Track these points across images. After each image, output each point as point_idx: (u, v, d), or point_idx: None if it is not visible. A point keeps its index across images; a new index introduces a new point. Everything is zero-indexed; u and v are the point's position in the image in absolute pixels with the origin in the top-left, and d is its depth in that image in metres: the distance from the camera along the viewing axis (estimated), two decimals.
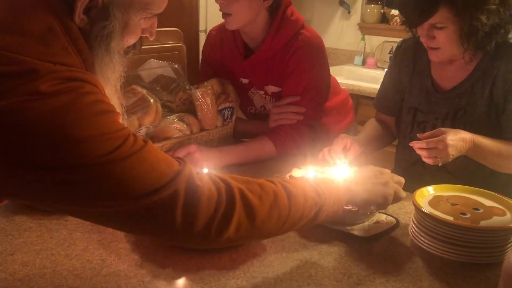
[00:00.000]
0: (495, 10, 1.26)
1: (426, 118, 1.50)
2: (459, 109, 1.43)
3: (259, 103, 1.82)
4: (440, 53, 1.37)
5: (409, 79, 1.55)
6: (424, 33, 1.35)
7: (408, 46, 1.57)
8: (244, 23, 1.60)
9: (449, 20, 1.28)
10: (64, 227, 1.11)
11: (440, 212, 1.06)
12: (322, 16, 3.94)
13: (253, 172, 1.49)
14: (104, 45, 0.89)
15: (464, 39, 1.30)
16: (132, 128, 1.46)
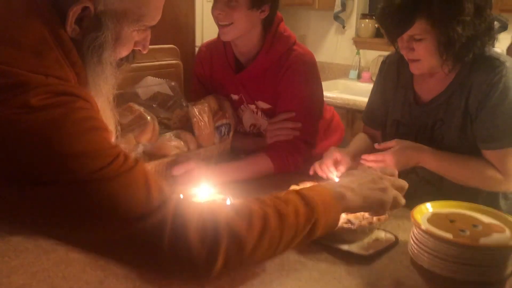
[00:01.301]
0: (470, 21, 1.29)
1: (408, 130, 1.52)
2: (437, 120, 1.46)
3: (249, 121, 1.81)
4: (420, 65, 1.40)
5: (393, 93, 1.58)
6: (403, 45, 1.38)
7: (392, 61, 1.61)
8: (241, 34, 1.61)
9: (427, 32, 1.31)
10: (61, 247, 1.10)
11: (439, 229, 1.05)
12: (317, 31, 3.97)
13: (251, 189, 1.48)
14: (96, 56, 0.88)
15: (442, 50, 1.33)
16: (129, 145, 1.46)
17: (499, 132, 1.35)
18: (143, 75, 1.73)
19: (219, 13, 1.57)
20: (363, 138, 1.69)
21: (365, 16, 3.70)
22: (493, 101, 1.34)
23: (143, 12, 0.93)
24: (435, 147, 1.41)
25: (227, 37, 1.63)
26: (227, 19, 1.57)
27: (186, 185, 1.43)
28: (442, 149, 1.42)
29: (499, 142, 1.36)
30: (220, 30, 1.62)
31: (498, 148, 1.37)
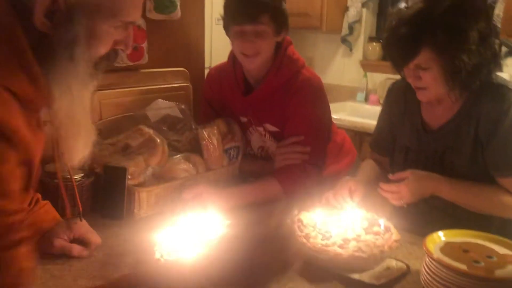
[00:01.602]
0: (476, 50, 1.29)
1: (417, 157, 1.51)
2: (447, 148, 1.44)
3: (257, 143, 1.81)
4: (427, 93, 1.39)
5: (401, 119, 1.57)
6: (410, 73, 1.38)
7: (398, 87, 1.60)
8: (265, 60, 1.64)
9: (433, 61, 1.31)
10: (69, 273, 1.09)
11: (452, 260, 1.04)
12: (324, 53, 4.00)
13: (260, 214, 1.47)
14: (68, 52, 0.85)
15: (448, 79, 1.32)
16: (138, 168, 1.45)
17: (510, 159, 1.34)
18: (153, 98, 1.73)
19: (250, 45, 1.58)
20: (372, 165, 1.68)
21: (372, 39, 3.72)
22: (504, 129, 1.33)
23: (118, 7, 0.89)
24: (446, 174, 1.40)
25: (254, 66, 1.64)
26: (255, 49, 1.59)
27: (195, 208, 1.42)
28: (453, 175, 1.40)
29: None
30: (246, 60, 1.62)
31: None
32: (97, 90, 1.59)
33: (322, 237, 1.23)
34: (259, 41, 1.57)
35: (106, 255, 1.20)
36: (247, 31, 1.56)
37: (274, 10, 1.57)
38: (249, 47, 1.58)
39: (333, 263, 1.14)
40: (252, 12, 1.53)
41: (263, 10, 1.54)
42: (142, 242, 1.23)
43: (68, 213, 1.28)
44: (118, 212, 1.41)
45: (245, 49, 1.59)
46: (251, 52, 1.59)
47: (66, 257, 1.15)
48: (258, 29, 1.55)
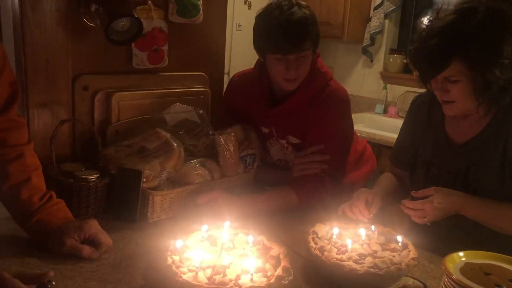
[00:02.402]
0: (509, 64, 1.25)
1: (439, 172, 1.47)
2: (472, 164, 1.40)
3: (277, 155, 1.79)
4: (455, 107, 1.35)
5: (424, 134, 1.53)
6: (438, 86, 1.34)
7: (423, 101, 1.57)
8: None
9: (463, 74, 1.27)
10: (79, 275, 1.08)
11: (472, 281, 1.00)
12: (344, 63, 3.97)
13: (275, 225, 1.45)
14: None
15: (478, 93, 1.28)
16: (154, 171, 1.44)
17: None
18: (172, 101, 1.72)
19: (294, 72, 1.56)
20: (390, 178, 1.64)
21: (394, 51, 3.68)
22: None
23: None
24: (470, 192, 1.36)
25: (295, 87, 1.63)
26: (298, 74, 1.58)
27: (210, 214, 1.41)
28: (478, 193, 1.36)
29: None
30: (288, 84, 1.61)
31: None
32: (116, 91, 1.63)
33: (337, 251, 1.20)
34: (302, 66, 1.57)
35: (118, 258, 1.18)
36: (290, 59, 1.54)
37: (315, 34, 1.56)
38: (293, 73, 1.57)
39: (348, 278, 1.11)
40: (297, 42, 1.52)
41: (306, 38, 1.53)
42: (154, 246, 1.21)
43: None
44: (132, 215, 1.40)
45: (288, 76, 1.58)
46: (294, 78, 1.59)
47: (77, 258, 1.14)
48: (301, 56, 1.55)
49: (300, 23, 1.50)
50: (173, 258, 1.06)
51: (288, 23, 1.49)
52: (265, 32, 1.55)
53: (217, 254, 1.13)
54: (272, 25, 1.51)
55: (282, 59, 1.54)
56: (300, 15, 1.51)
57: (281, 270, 1.05)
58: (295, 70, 1.55)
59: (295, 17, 1.50)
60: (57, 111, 1.54)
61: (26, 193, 1.19)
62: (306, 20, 1.51)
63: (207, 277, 1.01)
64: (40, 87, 1.50)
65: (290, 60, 1.53)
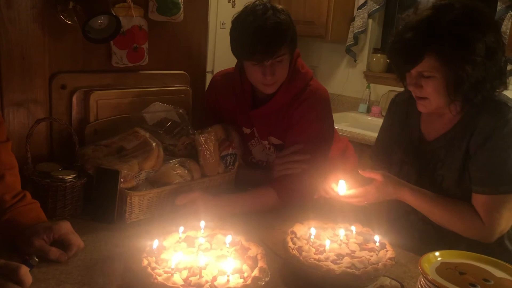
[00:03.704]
0: (481, 62, 1.26)
1: (411, 170, 1.49)
2: (438, 161, 1.42)
3: (259, 155, 1.79)
4: (428, 104, 1.37)
5: (400, 132, 1.55)
6: (412, 81, 1.35)
7: (401, 99, 1.58)
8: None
9: (436, 69, 1.28)
10: (53, 277, 1.06)
11: (448, 281, 1.00)
12: (328, 63, 3.98)
13: (254, 225, 1.44)
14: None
15: (450, 89, 1.30)
16: (132, 172, 1.43)
17: (490, 177, 1.31)
18: (152, 100, 1.71)
19: (270, 78, 1.55)
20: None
21: (377, 51, 3.70)
22: (493, 143, 1.30)
23: None
24: (435, 189, 1.38)
25: (273, 90, 1.62)
26: (275, 79, 1.57)
27: (188, 215, 1.40)
28: (442, 190, 1.39)
29: (488, 187, 1.31)
30: (265, 88, 1.60)
31: (486, 193, 1.32)
32: (94, 90, 1.60)
33: (316, 251, 1.20)
34: (279, 71, 1.56)
35: (93, 260, 1.17)
36: (266, 65, 1.53)
37: (290, 38, 1.54)
38: (270, 79, 1.56)
39: (325, 279, 1.10)
40: (271, 49, 1.50)
41: (282, 43, 1.51)
42: (131, 248, 1.20)
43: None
44: (109, 215, 1.38)
45: (265, 81, 1.57)
46: (272, 82, 1.58)
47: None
48: (278, 60, 1.53)
49: (274, 29, 1.48)
50: (149, 259, 1.05)
51: (262, 30, 1.47)
52: (240, 39, 1.54)
53: (194, 255, 1.12)
54: (246, 32, 1.50)
55: (258, 64, 1.53)
56: (274, 21, 1.49)
57: (258, 271, 1.04)
58: (271, 75, 1.54)
59: (269, 23, 1.48)
60: (34, 110, 1.52)
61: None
62: (280, 26, 1.50)
63: (183, 279, 1.00)
64: (16, 86, 1.47)
65: (266, 66, 1.52)
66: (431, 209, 1.39)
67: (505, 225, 1.33)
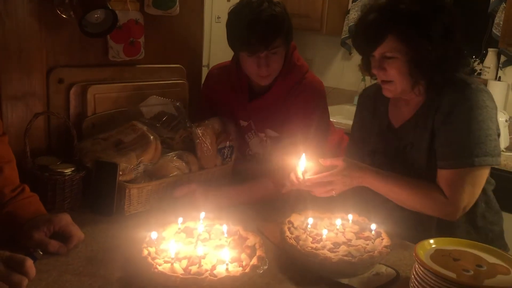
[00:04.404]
0: (439, 41, 1.32)
1: (383, 159, 1.51)
2: (407, 144, 1.45)
3: (256, 148, 1.80)
4: (393, 87, 1.40)
5: (370, 124, 1.58)
6: (376, 64, 1.39)
7: (369, 93, 1.62)
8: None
9: (398, 50, 1.33)
10: (54, 268, 1.08)
11: (442, 267, 1.03)
12: (323, 56, 3.99)
13: (251, 215, 1.46)
14: None
15: (412, 69, 1.34)
16: (130, 164, 1.44)
17: (453, 151, 1.33)
18: (149, 94, 1.72)
19: (265, 69, 1.57)
20: None
21: None
22: (454, 119, 1.34)
23: None
24: (406, 172, 1.40)
25: (268, 82, 1.64)
26: (270, 71, 1.59)
27: (187, 207, 1.41)
28: (414, 172, 1.41)
29: (450, 161, 1.33)
30: (261, 79, 1.62)
31: (448, 167, 1.33)
32: (91, 84, 1.61)
33: (312, 240, 1.22)
34: (273, 63, 1.57)
35: (94, 251, 1.18)
36: (261, 57, 1.55)
37: (286, 30, 1.56)
38: (264, 70, 1.57)
39: (322, 266, 1.13)
40: (266, 41, 1.51)
41: (276, 36, 1.53)
42: (131, 239, 1.22)
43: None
44: (108, 208, 1.40)
45: (260, 72, 1.58)
46: (266, 74, 1.59)
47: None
48: (272, 52, 1.55)
49: (269, 21, 1.50)
50: (149, 249, 1.07)
51: (257, 22, 1.49)
52: (235, 31, 1.56)
53: (193, 245, 1.14)
54: (241, 24, 1.51)
55: (253, 56, 1.54)
56: (269, 13, 1.51)
57: (256, 260, 1.06)
58: (266, 67, 1.56)
59: (264, 16, 1.50)
60: (32, 104, 1.52)
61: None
62: (275, 18, 1.51)
63: (183, 268, 1.02)
64: (14, 80, 1.48)
65: (261, 58, 1.54)
66: (395, 189, 1.38)
67: (468, 200, 1.33)
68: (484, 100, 1.33)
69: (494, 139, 1.33)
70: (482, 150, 1.30)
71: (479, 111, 1.32)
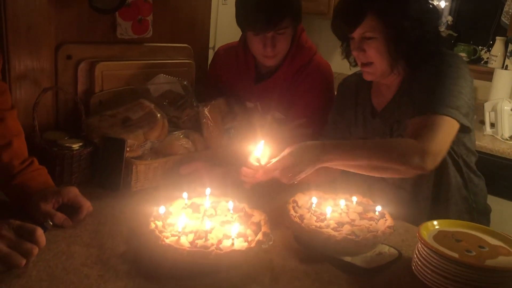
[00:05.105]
0: (418, 20, 1.33)
1: None
2: (394, 124, 1.45)
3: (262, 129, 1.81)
4: (373, 69, 1.41)
5: (354, 113, 1.57)
6: (355, 46, 1.40)
7: (350, 82, 1.62)
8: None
9: (377, 30, 1.34)
10: (63, 240, 1.10)
11: (445, 248, 1.04)
12: (329, 41, 3.95)
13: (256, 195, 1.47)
14: None
15: (391, 49, 1.36)
16: (137, 141, 1.45)
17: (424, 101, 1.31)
18: (156, 72, 1.72)
19: (271, 49, 1.57)
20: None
21: None
22: (425, 71, 1.35)
23: None
24: None
25: (274, 63, 1.63)
26: (276, 51, 1.59)
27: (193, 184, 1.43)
28: None
29: (421, 109, 1.30)
30: (266, 60, 1.62)
31: (419, 114, 1.29)
32: (99, 61, 1.62)
33: (316, 219, 1.23)
34: (279, 43, 1.57)
35: (101, 224, 1.20)
36: (267, 36, 1.54)
37: (295, 11, 1.56)
38: (270, 51, 1.57)
39: (326, 244, 1.14)
40: (273, 21, 1.51)
41: (284, 15, 1.52)
42: (137, 213, 1.23)
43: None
44: (115, 183, 1.41)
45: (266, 53, 1.58)
46: (272, 55, 1.59)
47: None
48: (279, 33, 1.54)
49: (277, 2, 1.50)
50: (156, 223, 1.08)
51: (266, 2, 1.49)
52: (243, 9, 1.56)
53: (199, 220, 1.15)
54: (249, 3, 1.52)
55: (259, 36, 1.54)
56: None
57: (261, 235, 1.08)
58: (272, 47, 1.56)
59: None
60: (40, 80, 1.53)
61: (6, 157, 1.19)
62: None
63: (189, 242, 1.04)
64: (22, 55, 1.48)
65: (267, 37, 1.54)
66: (359, 154, 1.26)
67: (440, 147, 1.24)
68: (458, 62, 1.36)
69: (464, 100, 1.31)
70: (453, 103, 1.29)
71: (453, 69, 1.34)
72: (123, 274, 0.98)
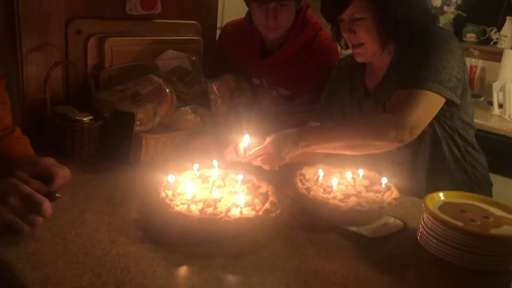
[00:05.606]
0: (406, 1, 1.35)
1: None
2: (385, 100, 1.45)
3: (268, 106, 1.82)
4: (364, 50, 1.42)
5: (349, 95, 1.58)
6: (345, 27, 1.41)
7: (345, 64, 1.61)
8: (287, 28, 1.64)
9: (366, 10, 1.35)
10: (76, 207, 1.12)
11: (450, 217, 1.06)
12: None
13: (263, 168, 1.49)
14: None
15: (381, 29, 1.36)
16: (147, 116, 1.47)
17: (407, 74, 1.33)
18: (164, 49, 1.73)
19: (273, 21, 1.57)
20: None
21: None
22: (413, 47, 1.36)
23: None
24: None
25: (277, 37, 1.64)
26: (278, 24, 1.59)
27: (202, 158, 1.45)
28: None
29: (403, 84, 1.32)
30: (269, 32, 1.63)
31: (400, 88, 1.32)
32: (109, 36, 1.63)
33: (323, 191, 1.25)
34: (282, 15, 1.57)
35: (112, 194, 1.23)
36: (270, 8, 1.54)
37: None
38: (272, 22, 1.57)
39: (332, 215, 1.16)
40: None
41: None
42: (148, 183, 1.26)
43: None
44: (125, 156, 1.44)
45: (268, 24, 1.58)
46: (274, 26, 1.59)
47: (74, 192, 1.18)
48: (282, 4, 1.55)
49: None
50: (166, 192, 1.11)
51: None
52: None
53: (208, 190, 1.17)
54: None
55: (262, 7, 1.54)
56: None
57: (269, 204, 1.10)
58: (274, 18, 1.56)
59: None
60: (50, 54, 1.55)
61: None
62: None
63: (199, 210, 1.06)
64: (33, 30, 1.49)
65: (270, 9, 1.54)
66: (337, 134, 1.32)
67: (415, 122, 1.26)
68: (445, 36, 1.36)
69: (451, 74, 1.32)
70: (436, 77, 1.30)
71: (439, 44, 1.34)
72: (134, 239, 1.01)
